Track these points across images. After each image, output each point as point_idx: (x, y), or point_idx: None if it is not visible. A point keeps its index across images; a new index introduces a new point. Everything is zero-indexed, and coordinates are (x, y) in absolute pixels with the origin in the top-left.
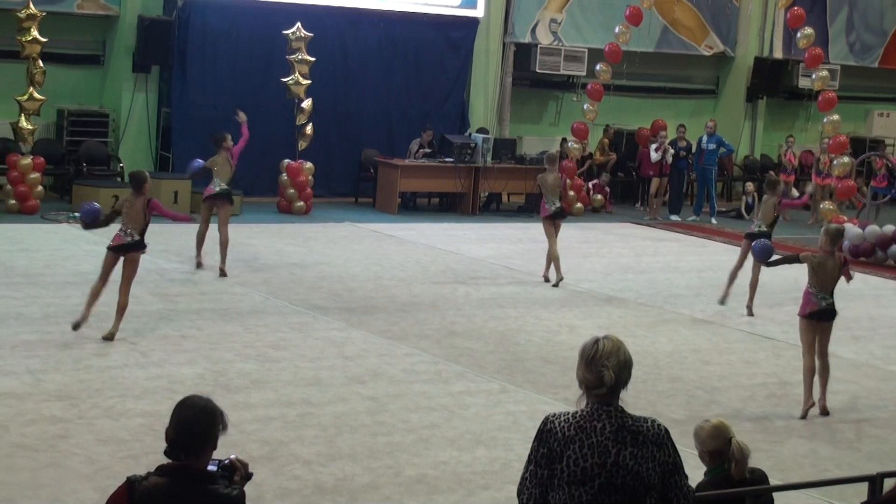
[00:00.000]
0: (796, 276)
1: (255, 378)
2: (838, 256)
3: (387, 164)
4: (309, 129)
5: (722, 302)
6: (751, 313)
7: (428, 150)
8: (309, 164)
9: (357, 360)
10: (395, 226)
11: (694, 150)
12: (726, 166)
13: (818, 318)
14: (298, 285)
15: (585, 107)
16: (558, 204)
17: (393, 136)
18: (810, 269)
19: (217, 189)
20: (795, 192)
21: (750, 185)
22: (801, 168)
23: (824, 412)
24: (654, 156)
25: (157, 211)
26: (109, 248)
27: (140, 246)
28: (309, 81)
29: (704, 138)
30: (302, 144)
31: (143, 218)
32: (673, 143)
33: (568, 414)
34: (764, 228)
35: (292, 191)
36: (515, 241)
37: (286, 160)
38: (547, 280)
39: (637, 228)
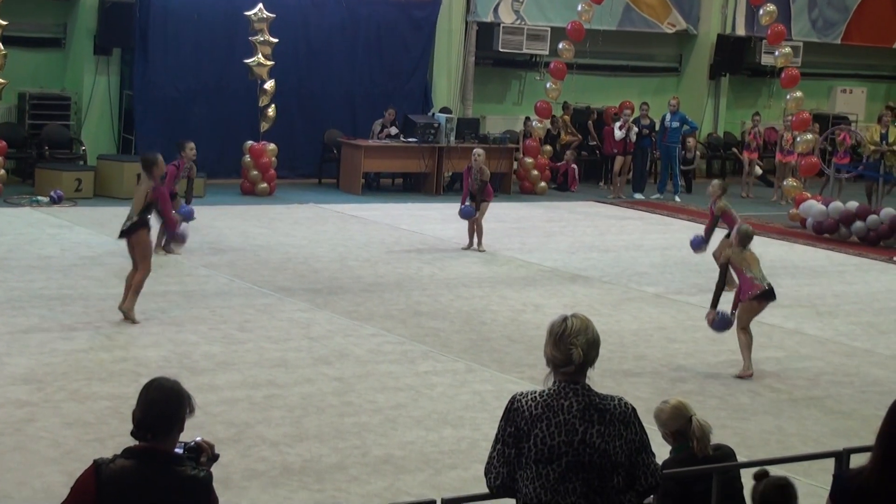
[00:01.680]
0: (760, 254)
1: (221, 360)
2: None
3: (350, 144)
4: (271, 110)
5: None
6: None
7: (392, 132)
8: (272, 146)
9: (323, 341)
10: (360, 206)
11: (657, 128)
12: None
13: (767, 298)
14: (263, 267)
15: (548, 86)
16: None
17: (356, 117)
18: (741, 262)
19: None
20: (759, 170)
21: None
22: (765, 145)
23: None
24: (619, 134)
25: (161, 205)
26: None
27: (137, 227)
28: (272, 63)
29: (668, 116)
30: (265, 126)
31: (143, 200)
32: (636, 122)
33: (535, 393)
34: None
35: (255, 172)
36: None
37: (249, 142)
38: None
39: (601, 207)
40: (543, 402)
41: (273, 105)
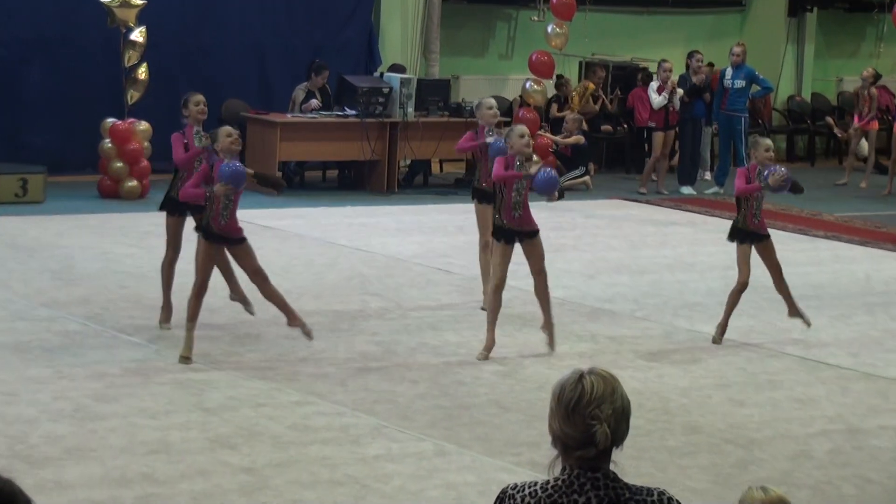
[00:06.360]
0: (868, 274)
1: (72, 444)
2: None
3: (260, 121)
4: (143, 72)
5: (717, 340)
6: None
7: (314, 105)
8: (144, 125)
9: (223, 413)
10: (275, 212)
11: (715, 88)
12: (761, 112)
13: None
14: (133, 305)
15: (550, 29)
16: None
17: (268, 81)
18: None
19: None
20: (864, 145)
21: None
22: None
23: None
24: (657, 99)
25: None
26: None
27: None
28: (142, 2)
29: (729, 72)
30: (133, 95)
31: None
32: (683, 80)
33: (535, 485)
34: None
35: (120, 164)
36: (452, 232)
37: (110, 119)
38: None
39: (632, 207)
40: (548, 499)
41: (144, 64)
